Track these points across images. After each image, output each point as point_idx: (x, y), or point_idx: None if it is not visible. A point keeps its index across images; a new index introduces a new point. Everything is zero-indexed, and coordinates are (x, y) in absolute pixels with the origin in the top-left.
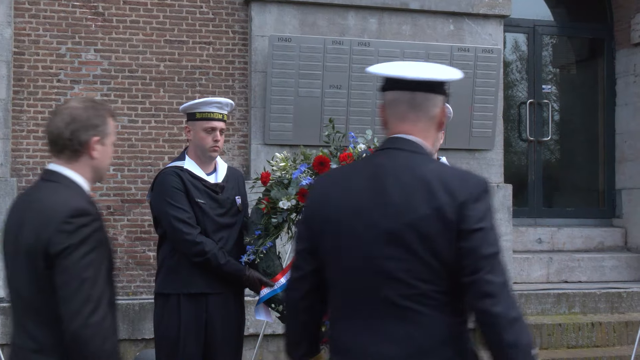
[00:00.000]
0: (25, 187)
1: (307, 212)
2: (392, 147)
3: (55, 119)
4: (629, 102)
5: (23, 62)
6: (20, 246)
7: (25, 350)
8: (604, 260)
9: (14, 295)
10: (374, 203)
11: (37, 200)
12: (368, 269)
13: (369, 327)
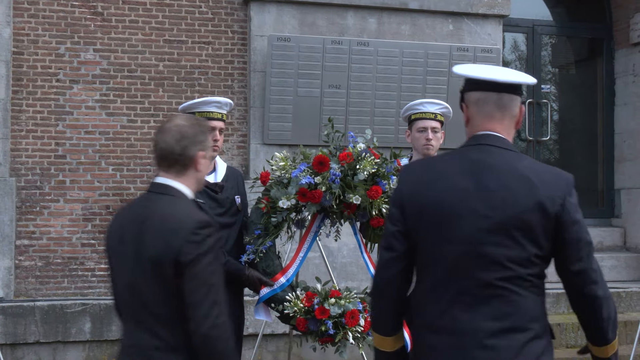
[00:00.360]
0: (24, 186)
1: (403, 197)
2: (484, 143)
3: (166, 136)
4: (628, 101)
5: (22, 61)
6: (144, 255)
7: (148, 348)
8: (603, 260)
9: (134, 299)
10: (477, 195)
11: (157, 212)
12: (471, 253)
13: (468, 307)
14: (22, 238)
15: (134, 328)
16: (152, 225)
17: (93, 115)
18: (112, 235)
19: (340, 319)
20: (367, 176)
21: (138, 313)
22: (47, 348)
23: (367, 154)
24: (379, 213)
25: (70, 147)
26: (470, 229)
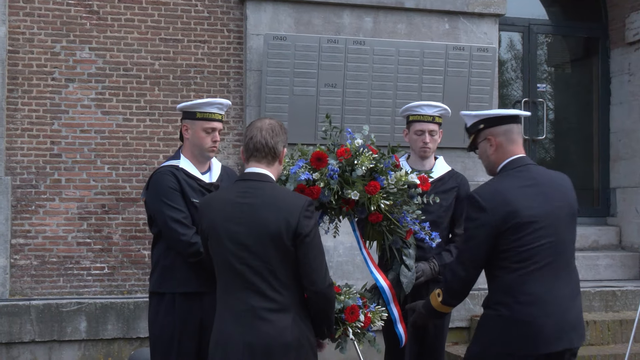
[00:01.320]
0: (19, 185)
1: (494, 220)
2: (529, 162)
3: (262, 132)
4: (623, 100)
5: (17, 60)
6: (264, 231)
7: (264, 309)
8: (598, 258)
9: (253, 270)
10: (555, 201)
11: (268, 196)
12: (561, 242)
13: (557, 279)
14: (18, 237)
15: (247, 295)
16: (269, 207)
17: (89, 114)
18: (213, 217)
19: (340, 315)
20: (365, 172)
21: (252, 282)
22: (42, 347)
23: (365, 150)
24: (377, 209)
25: (65, 145)
26: (560, 226)
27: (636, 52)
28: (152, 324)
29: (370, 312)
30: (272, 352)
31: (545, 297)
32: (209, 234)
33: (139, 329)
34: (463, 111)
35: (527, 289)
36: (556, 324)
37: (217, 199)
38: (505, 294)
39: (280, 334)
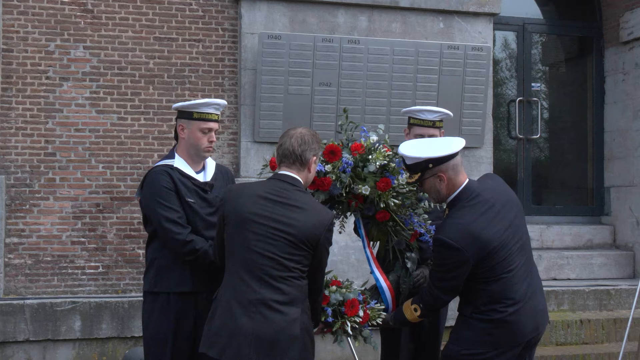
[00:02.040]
0: (13, 184)
1: (470, 254)
2: (475, 187)
3: (291, 140)
4: (617, 100)
5: (11, 59)
6: (290, 231)
7: (275, 301)
8: (592, 257)
9: (272, 263)
10: (508, 213)
11: (300, 201)
12: (525, 242)
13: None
14: (12, 236)
15: (259, 286)
16: (297, 211)
17: (83, 113)
18: (242, 208)
19: (340, 308)
20: (377, 169)
21: (267, 273)
22: (37, 346)
23: (379, 145)
24: (385, 207)
25: (60, 144)
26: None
27: (630, 51)
28: (147, 323)
29: (370, 309)
30: (279, 342)
31: (526, 294)
32: (228, 220)
33: (134, 328)
34: (401, 146)
35: (511, 293)
36: (533, 316)
37: (246, 191)
38: (493, 301)
39: (290, 326)
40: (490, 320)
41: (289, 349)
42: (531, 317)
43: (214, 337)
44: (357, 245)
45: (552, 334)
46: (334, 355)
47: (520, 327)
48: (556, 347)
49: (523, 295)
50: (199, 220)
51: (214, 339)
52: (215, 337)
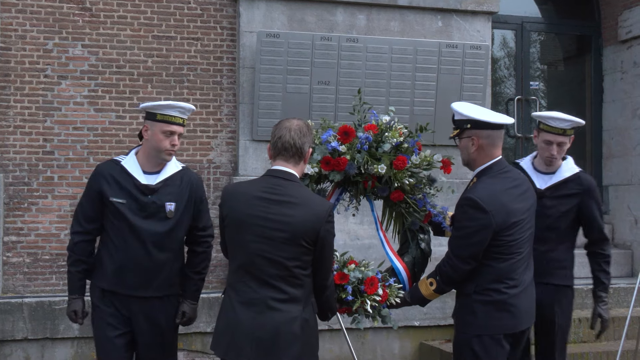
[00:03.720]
0: (12, 182)
1: (496, 221)
2: (508, 165)
3: (291, 132)
4: (616, 98)
5: (10, 57)
6: (290, 228)
7: (275, 300)
8: None
9: (270, 264)
10: (529, 199)
11: (296, 196)
12: (532, 233)
13: (529, 266)
14: (10, 234)
15: (260, 285)
16: (294, 207)
17: (81, 112)
18: (237, 208)
19: (360, 286)
20: (392, 147)
21: (268, 273)
22: (35, 345)
23: (394, 123)
24: (400, 186)
25: (58, 143)
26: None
27: (629, 50)
28: (93, 322)
29: (388, 287)
30: (280, 341)
31: (524, 282)
32: (227, 222)
33: None
34: (455, 103)
35: (514, 275)
36: (528, 305)
37: (241, 191)
38: (496, 281)
39: (289, 324)
40: (491, 302)
41: (289, 347)
42: (528, 306)
43: (218, 337)
44: (356, 244)
45: None
46: (332, 354)
47: (520, 312)
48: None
49: (523, 280)
50: (123, 221)
51: (219, 339)
52: (219, 337)
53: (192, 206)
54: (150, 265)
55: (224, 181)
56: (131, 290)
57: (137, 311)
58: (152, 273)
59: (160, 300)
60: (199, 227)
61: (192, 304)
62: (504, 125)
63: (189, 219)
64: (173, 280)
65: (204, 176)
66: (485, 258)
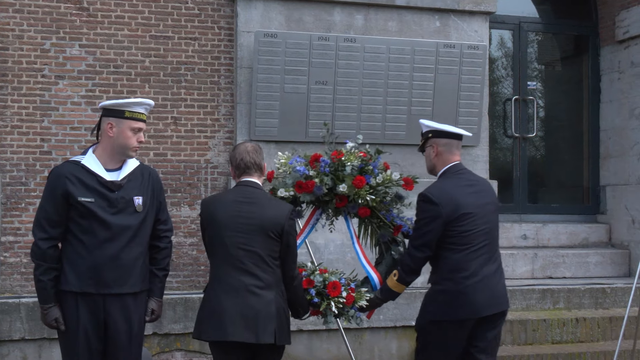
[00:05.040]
0: (9, 182)
1: (445, 211)
2: (464, 168)
3: (250, 154)
4: (613, 98)
5: (7, 57)
6: (261, 223)
7: (254, 286)
8: (588, 256)
9: (247, 254)
10: (484, 198)
11: (264, 200)
12: (492, 229)
13: (489, 259)
14: (7, 234)
15: (240, 274)
16: (263, 208)
17: (79, 111)
18: (216, 212)
19: (324, 290)
20: (354, 169)
21: (245, 263)
22: (32, 345)
23: (355, 150)
24: (364, 202)
25: (55, 143)
26: (489, 216)
27: (626, 50)
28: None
29: (355, 292)
30: (259, 319)
31: (481, 273)
32: (208, 224)
33: None
34: (422, 120)
35: (469, 266)
36: (490, 294)
37: (219, 198)
38: (451, 271)
39: (267, 306)
40: (447, 292)
41: (267, 325)
42: (487, 294)
43: (202, 324)
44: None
45: (547, 333)
46: (330, 354)
47: (475, 301)
48: (552, 345)
49: (479, 272)
50: (95, 220)
51: (203, 326)
52: (203, 324)
53: (155, 199)
54: (126, 261)
55: (221, 181)
56: (107, 288)
57: (113, 311)
58: (128, 269)
59: (134, 298)
60: (161, 219)
61: (158, 301)
62: (460, 136)
63: (154, 212)
64: (145, 275)
65: (201, 176)
66: (441, 249)
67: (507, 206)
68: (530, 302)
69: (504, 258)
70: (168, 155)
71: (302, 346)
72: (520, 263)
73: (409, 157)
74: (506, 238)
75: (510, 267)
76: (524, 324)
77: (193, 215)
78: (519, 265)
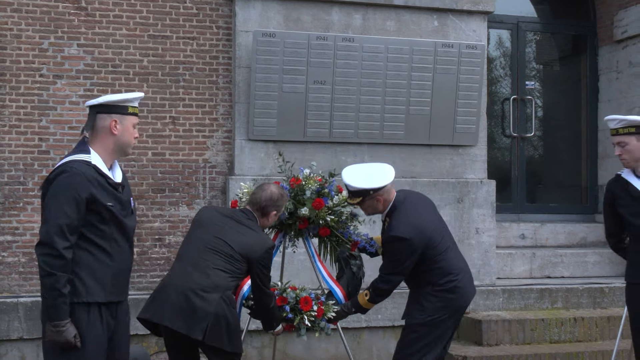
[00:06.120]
0: (7, 182)
1: (419, 244)
2: (399, 194)
3: (263, 195)
4: (611, 98)
5: (5, 56)
6: (239, 246)
7: (200, 285)
8: (586, 255)
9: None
10: (430, 206)
11: (251, 230)
12: (448, 232)
13: (459, 254)
14: (5, 234)
15: (198, 273)
16: (247, 231)
17: (77, 111)
18: (206, 213)
19: (297, 305)
20: (312, 193)
21: (202, 262)
22: (30, 345)
23: (312, 175)
24: (324, 223)
25: (54, 142)
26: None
27: (624, 49)
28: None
29: (324, 305)
30: (196, 314)
31: (463, 268)
32: (194, 221)
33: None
34: (347, 175)
35: (455, 265)
36: (472, 285)
37: (214, 207)
38: (446, 273)
39: (207, 305)
40: (448, 290)
41: (200, 322)
42: (471, 285)
43: (147, 305)
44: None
45: (545, 332)
46: (328, 354)
47: (467, 292)
48: (550, 345)
49: (462, 268)
50: (114, 224)
51: (148, 307)
52: (148, 305)
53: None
54: (132, 264)
55: (220, 181)
56: (123, 295)
57: (120, 317)
58: (130, 272)
59: (125, 300)
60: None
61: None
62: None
63: None
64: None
65: (199, 175)
66: (429, 265)
67: (505, 206)
68: (529, 301)
69: (502, 257)
70: (166, 154)
71: (301, 345)
72: (519, 263)
73: (407, 156)
74: (504, 237)
75: (509, 266)
76: (522, 323)
77: (191, 215)
78: (517, 265)
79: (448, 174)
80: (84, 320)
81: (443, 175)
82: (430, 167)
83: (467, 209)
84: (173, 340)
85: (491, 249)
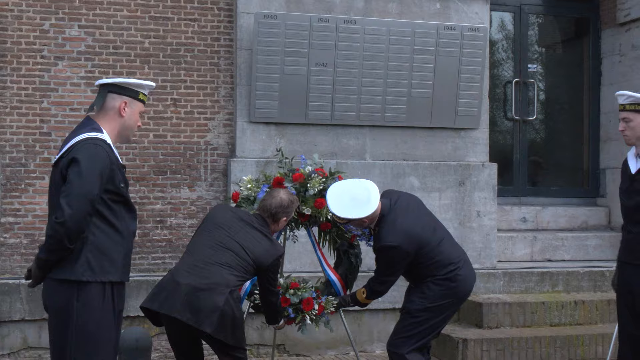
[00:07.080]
0: (8, 163)
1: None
2: (389, 199)
3: (273, 201)
4: (614, 81)
5: (6, 37)
6: (248, 250)
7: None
8: (587, 239)
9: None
10: (419, 205)
11: (261, 236)
12: (435, 221)
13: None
14: (7, 215)
15: (210, 269)
16: (264, 244)
17: (78, 92)
18: (226, 218)
19: (299, 306)
20: (316, 192)
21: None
22: (32, 326)
23: (314, 175)
24: (326, 219)
25: (55, 124)
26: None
27: (627, 32)
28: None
29: (324, 302)
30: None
31: (461, 257)
32: (206, 218)
33: (129, 308)
34: (336, 212)
35: (452, 255)
36: (472, 273)
37: (227, 208)
38: (446, 264)
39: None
40: (449, 278)
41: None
42: (471, 272)
43: (154, 295)
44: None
45: (546, 315)
46: (329, 336)
47: (468, 280)
48: (550, 327)
49: (460, 256)
50: (123, 204)
51: (155, 297)
52: (155, 295)
53: None
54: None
55: (221, 163)
56: (128, 275)
57: (124, 297)
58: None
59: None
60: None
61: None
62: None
63: None
64: None
65: (201, 158)
66: (427, 261)
67: (506, 189)
68: (529, 284)
69: (504, 240)
70: (168, 136)
71: None
72: (520, 246)
73: (409, 139)
74: (505, 221)
75: (510, 249)
76: (523, 306)
77: (193, 197)
78: (518, 248)
79: (450, 157)
80: (99, 299)
81: (445, 158)
82: (432, 150)
83: (469, 192)
84: (175, 330)
85: (492, 232)
